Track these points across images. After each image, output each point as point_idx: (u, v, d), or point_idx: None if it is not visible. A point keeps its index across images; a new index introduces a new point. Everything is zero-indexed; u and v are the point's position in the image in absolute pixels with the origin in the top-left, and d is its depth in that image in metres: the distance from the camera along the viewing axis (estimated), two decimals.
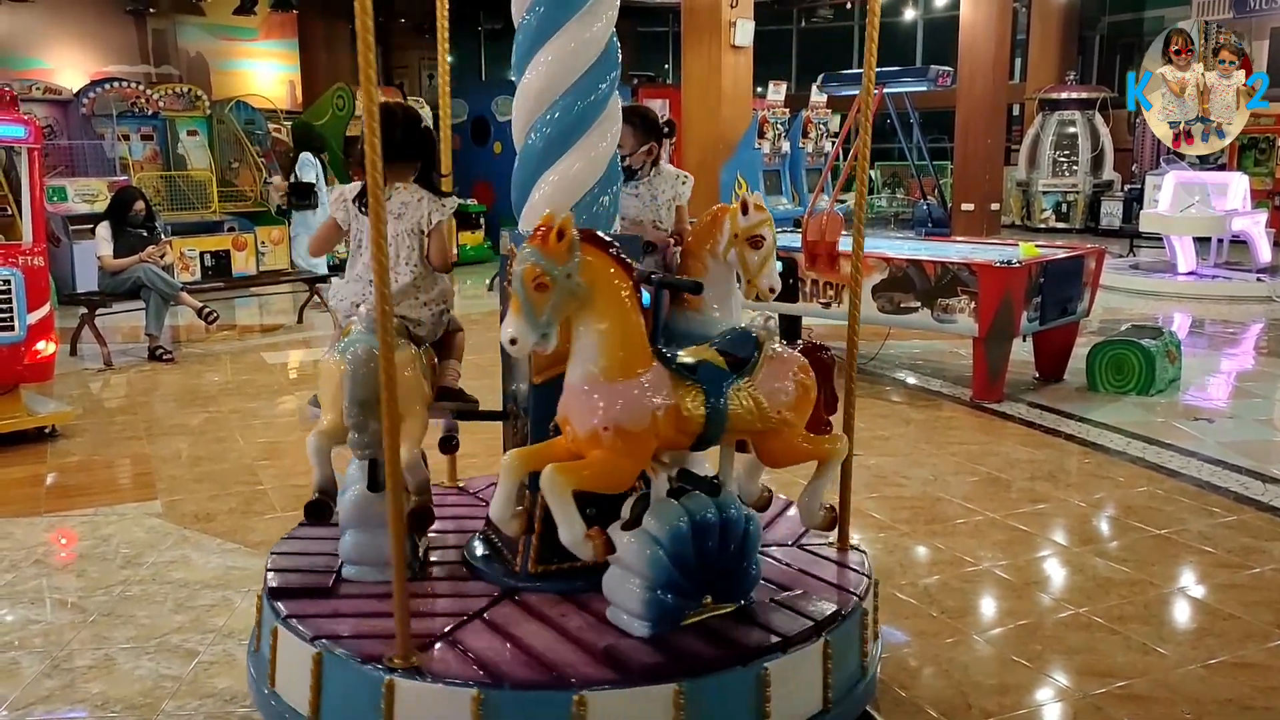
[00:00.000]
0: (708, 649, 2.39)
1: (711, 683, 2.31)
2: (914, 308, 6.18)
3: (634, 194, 3.24)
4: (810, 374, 2.64)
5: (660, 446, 2.40)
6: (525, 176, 2.73)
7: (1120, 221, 15.64)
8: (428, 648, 2.37)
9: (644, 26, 20.43)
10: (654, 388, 2.36)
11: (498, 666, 2.30)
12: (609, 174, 2.74)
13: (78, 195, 10.18)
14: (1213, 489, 4.61)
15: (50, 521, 4.34)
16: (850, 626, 2.62)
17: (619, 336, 2.34)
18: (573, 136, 2.66)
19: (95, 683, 2.98)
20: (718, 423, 2.43)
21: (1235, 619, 3.36)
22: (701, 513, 2.47)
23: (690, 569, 2.44)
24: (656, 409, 2.34)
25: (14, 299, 5.23)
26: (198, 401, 6.39)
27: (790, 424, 2.57)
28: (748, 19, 12.18)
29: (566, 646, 2.39)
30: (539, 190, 2.69)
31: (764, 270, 2.91)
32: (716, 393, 2.43)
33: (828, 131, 14.94)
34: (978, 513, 4.33)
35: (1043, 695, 2.93)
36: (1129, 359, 6.28)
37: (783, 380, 2.56)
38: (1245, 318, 9.33)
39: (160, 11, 15.95)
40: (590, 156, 2.68)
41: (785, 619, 2.53)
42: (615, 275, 2.34)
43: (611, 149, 2.75)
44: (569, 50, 2.63)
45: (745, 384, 2.50)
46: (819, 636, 2.49)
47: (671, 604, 2.44)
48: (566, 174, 2.67)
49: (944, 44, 17.66)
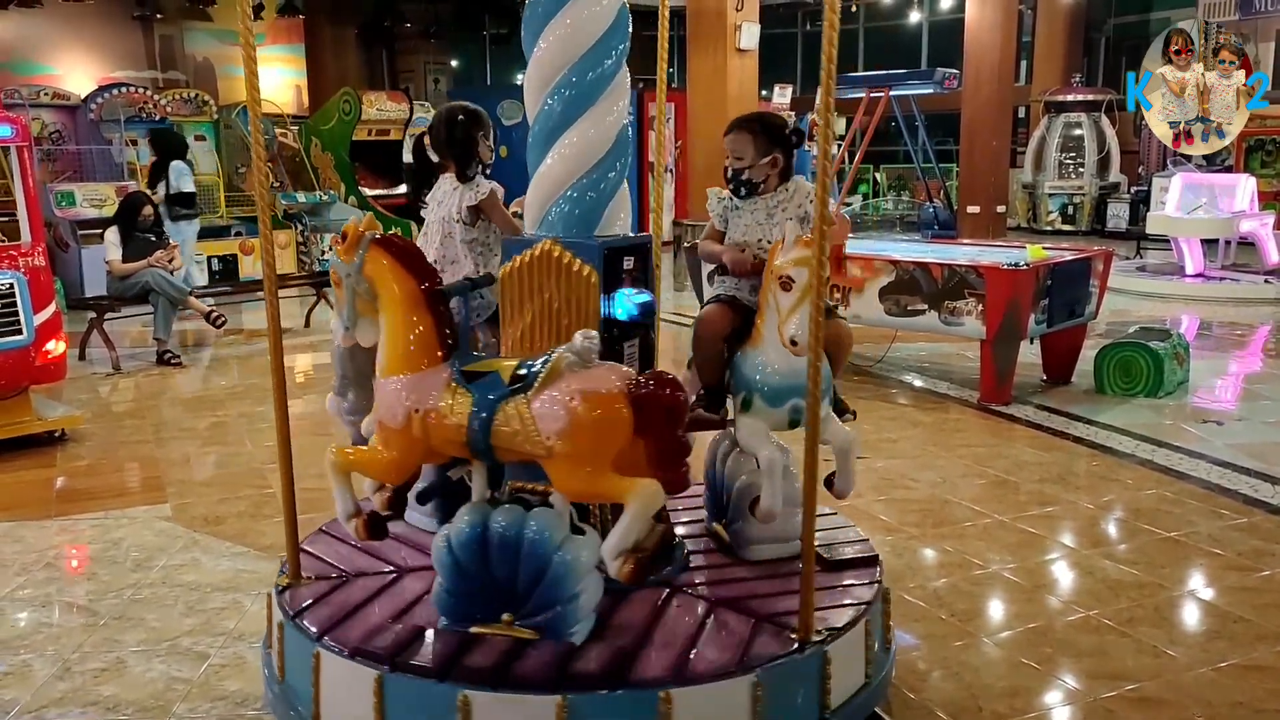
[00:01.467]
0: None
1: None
2: (921, 310, 6.18)
3: (750, 209, 2.99)
4: (612, 408, 2.27)
5: (434, 448, 2.46)
6: (540, 141, 2.77)
7: (1127, 224, 15.64)
8: None
9: (648, 30, 20.43)
10: (418, 389, 2.43)
11: None
12: (619, 144, 2.78)
13: (86, 200, 10.22)
14: (1222, 491, 4.60)
15: (60, 525, 4.36)
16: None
17: (392, 334, 2.49)
18: (585, 104, 2.70)
19: (107, 685, 2.99)
20: (481, 434, 2.35)
21: (1246, 621, 3.35)
22: (501, 524, 2.42)
23: (471, 576, 2.44)
24: (414, 409, 2.41)
25: (19, 302, 5.20)
26: (206, 405, 6.41)
27: (562, 454, 2.29)
28: (753, 23, 12.19)
29: None
30: (555, 153, 2.73)
31: (789, 317, 2.60)
32: (484, 404, 2.34)
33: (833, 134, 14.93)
34: (986, 515, 4.33)
35: (1053, 698, 2.92)
36: (1137, 361, 6.27)
37: (556, 406, 2.28)
38: (1253, 320, 9.31)
39: (167, 17, 15.99)
40: (606, 122, 2.73)
41: (584, 659, 2.35)
42: (396, 277, 2.49)
43: (621, 120, 2.78)
44: (582, 18, 2.69)
45: (520, 401, 2.31)
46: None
47: (455, 604, 2.48)
48: (583, 138, 2.71)
49: (950, 46, 17.65)
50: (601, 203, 2.76)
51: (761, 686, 2.34)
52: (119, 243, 7.74)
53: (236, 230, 11.15)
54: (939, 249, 7.44)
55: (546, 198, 2.77)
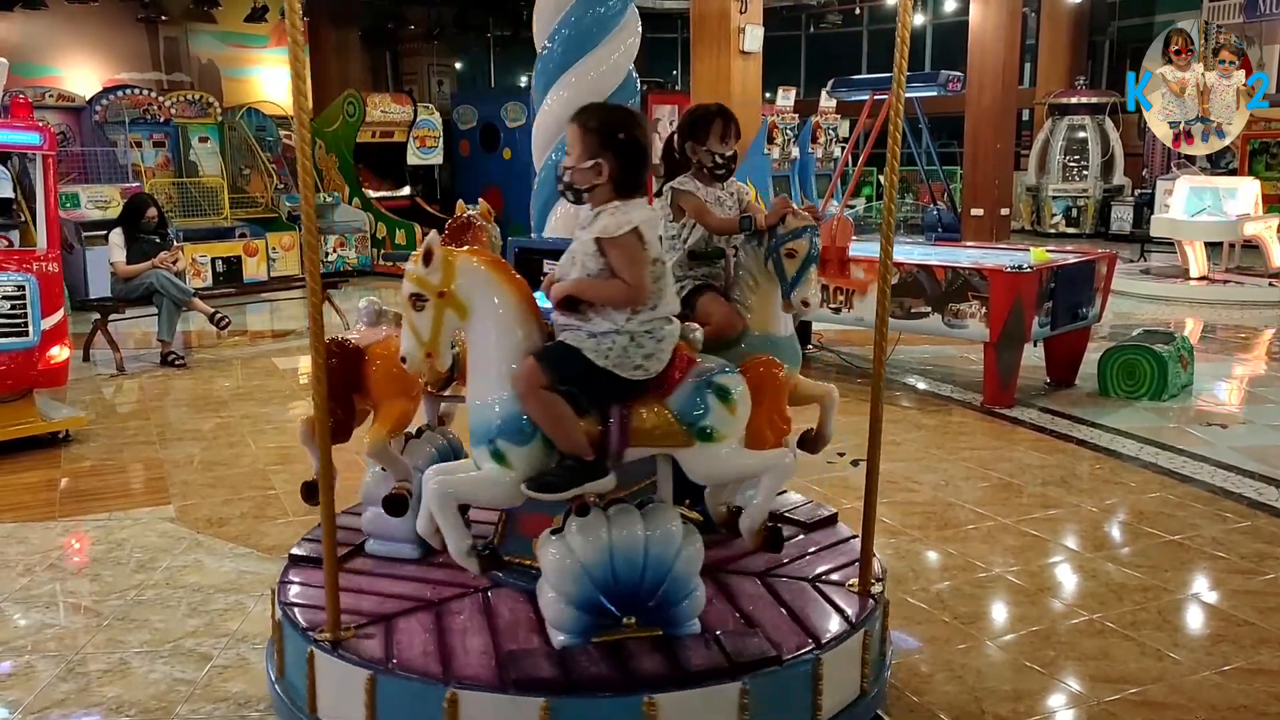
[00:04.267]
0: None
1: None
2: (924, 313, 6.17)
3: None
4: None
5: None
6: (545, 81, 2.77)
7: (1131, 226, 15.61)
8: None
9: (653, 33, 20.50)
10: None
11: None
12: (628, 84, 2.79)
13: (90, 202, 10.24)
14: (1226, 494, 4.59)
15: (64, 526, 4.36)
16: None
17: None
18: (589, 43, 2.70)
19: (110, 687, 2.99)
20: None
21: (1250, 625, 3.35)
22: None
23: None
24: None
25: (29, 305, 5.25)
26: (210, 407, 6.42)
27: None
28: (757, 25, 12.20)
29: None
30: (557, 92, 2.71)
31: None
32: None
33: (837, 137, 14.95)
34: (989, 518, 4.32)
35: (1056, 701, 2.92)
36: (1141, 364, 6.27)
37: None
38: (1258, 323, 9.30)
39: (172, 19, 16.01)
40: (611, 60, 2.73)
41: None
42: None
43: (627, 61, 2.77)
44: None
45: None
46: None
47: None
48: (584, 77, 2.69)
49: (954, 49, 17.64)
50: None
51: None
52: (123, 244, 7.75)
53: (240, 232, 11.16)
54: (943, 251, 7.44)
55: (547, 142, 2.76)
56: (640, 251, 2.38)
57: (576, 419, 2.36)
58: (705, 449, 2.43)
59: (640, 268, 2.37)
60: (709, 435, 2.41)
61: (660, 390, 2.42)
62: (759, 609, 2.66)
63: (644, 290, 2.37)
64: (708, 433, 2.41)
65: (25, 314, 5.24)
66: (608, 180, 2.40)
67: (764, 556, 2.86)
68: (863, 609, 2.67)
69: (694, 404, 2.41)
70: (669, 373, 2.43)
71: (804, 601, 2.72)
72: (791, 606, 2.68)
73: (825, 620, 2.62)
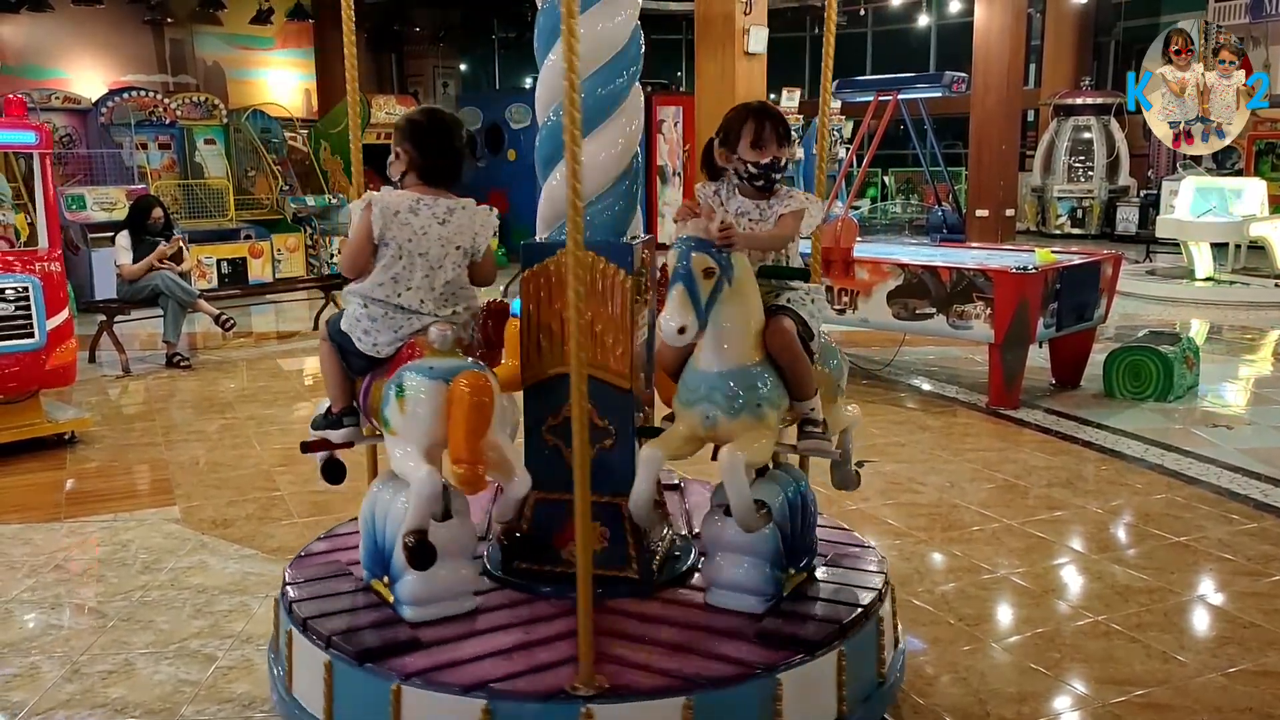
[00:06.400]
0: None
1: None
2: (929, 314, 6.16)
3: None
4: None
5: None
6: (549, 152, 2.75)
7: (1136, 227, 15.57)
8: None
9: (657, 34, 20.53)
10: None
11: None
12: (632, 167, 2.76)
13: (96, 203, 10.26)
14: (1232, 496, 4.58)
15: (70, 527, 4.37)
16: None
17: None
18: (595, 121, 2.66)
19: (115, 688, 3.00)
20: None
21: (1256, 627, 3.34)
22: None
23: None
24: None
25: (33, 306, 5.24)
26: (215, 408, 6.43)
27: None
28: (761, 26, 12.19)
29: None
30: (559, 172, 2.66)
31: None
32: None
33: (841, 138, 14.92)
34: (995, 519, 4.31)
35: (1061, 703, 2.91)
36: (1146, 365, 6.25)
37: None
38: (1264, 323, 9.27)
39: (177, 21, 16.07)
40: (620, 141, 2.71)
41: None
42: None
43: (633, 143, 2.74)
44: (592, 34, 2.61)
45: None
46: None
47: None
48: (590, 159, 2.56)
49: (958, 50, 17.63)
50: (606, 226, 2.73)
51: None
52: (129, 246, 7.76)
53: (246, 233, 11.18)
54: (947, 252, 7.43)
55: (555, 216, 2.75)
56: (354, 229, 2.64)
57: None
58: (387, 437, 2.54)
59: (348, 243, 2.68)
60: (386, 424, 2.52)
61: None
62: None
63: (345, 261, 2.67)
64: (385, 422, 2.52)
65: (30, 316, 5.23)
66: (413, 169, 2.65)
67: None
68: None
69: (386, 393, 2.52)
70: (398, 357, 2.59)
71: None
72: None
73: None
